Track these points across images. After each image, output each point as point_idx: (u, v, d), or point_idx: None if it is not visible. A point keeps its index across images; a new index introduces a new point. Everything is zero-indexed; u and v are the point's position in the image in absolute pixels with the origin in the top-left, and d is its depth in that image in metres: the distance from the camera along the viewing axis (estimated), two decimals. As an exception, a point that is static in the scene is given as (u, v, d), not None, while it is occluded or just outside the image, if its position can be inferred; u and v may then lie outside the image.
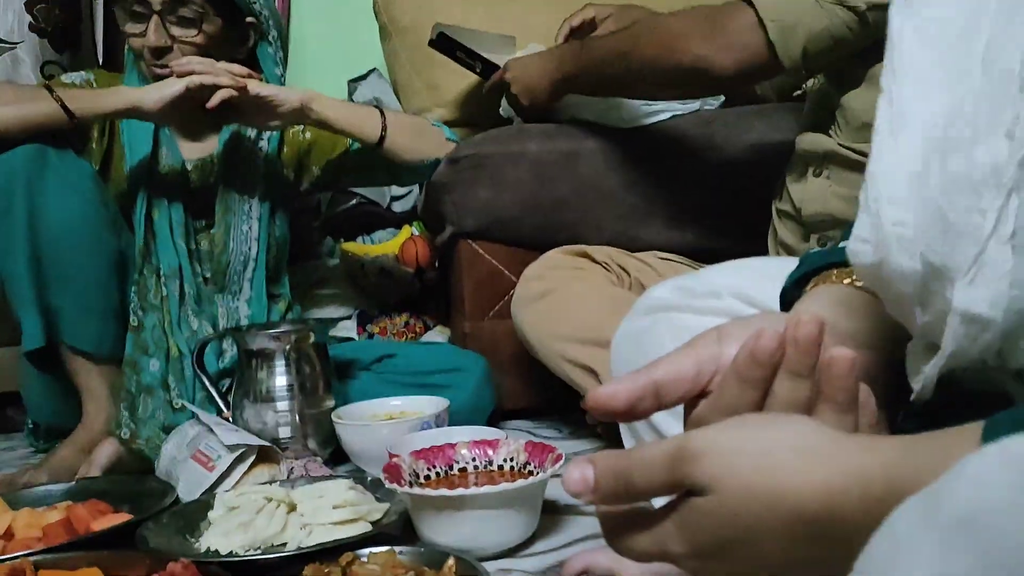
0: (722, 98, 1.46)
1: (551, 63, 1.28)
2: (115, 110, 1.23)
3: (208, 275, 1.39)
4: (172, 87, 1.22)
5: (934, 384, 0.41)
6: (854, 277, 0.51)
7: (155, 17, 1.28)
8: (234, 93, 1.25)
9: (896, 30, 0.42)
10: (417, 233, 1.79)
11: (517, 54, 1.59)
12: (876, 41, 1.02)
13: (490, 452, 0.99)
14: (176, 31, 1.30)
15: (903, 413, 0.46)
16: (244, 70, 1.27)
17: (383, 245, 1.80)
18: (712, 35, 1.04)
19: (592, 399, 0.44)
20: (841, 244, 0.57)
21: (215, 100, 1.24)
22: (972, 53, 0.39)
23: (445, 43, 1.49)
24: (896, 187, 0.40)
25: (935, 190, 0.38)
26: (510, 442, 0.99)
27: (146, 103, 1.22)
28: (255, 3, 1.38)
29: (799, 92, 1.43)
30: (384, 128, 1.36)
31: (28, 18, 1.55)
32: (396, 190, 1.84)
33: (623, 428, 0.76)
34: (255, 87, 1.26)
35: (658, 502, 0.40)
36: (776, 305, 0.58)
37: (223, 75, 1.24)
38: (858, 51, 1.02)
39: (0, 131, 1.18)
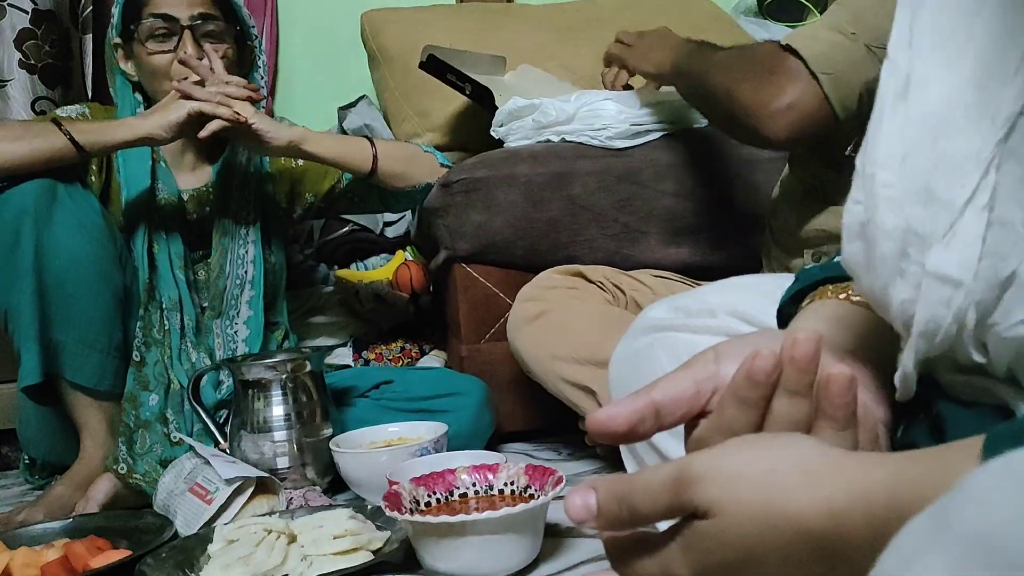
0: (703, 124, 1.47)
1: (676, 48, 1.24)
2: (125, 141, 1.24)
3: (206, 303, 1.38)
4: (176, 112, 1.23)
5: (915, 378, 0.42)
6: (850, 292, 0.51)
7: (187, 32, 1.31)
8: (227, 124, 1.25)
9: (906, 4, 0.42)
10: (411, 258, 1.79)
11: (507, 74, 1.61)
12: None
13: (490, 477, 0.99)
14: (206, 45, 1.32)
15: (903, 428, 0.46)
16: (245, 83, 1.28)
17: (377, 271, 1.80)
18: (768, 96, 0.98)
19: (592, 422, 0.43)
20: (836, 259, 0.58)
21: (206, 131, 1.25)
22: (972, 39, 0.39)
23: (435, 65, 1.50)
24: (890, 155, 0.41)
25: (924, 164, 0.40)
26: (510, 466, 0.99)
27: (157, 133, 1.23)
28: (252, 28, 1.41)
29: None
30: (375, 159, 1.37)
31: (18, 55, 1.55)
32: (389, 216, 1.84)
33: (623, 449, 0.76)
34: (253, 117, 1.27)
35: (662, 525, 0.40)
36: (772, 322, 0.58)
37: (222, 107, 1.25)
38: None
39: (9, 167, 1.18)
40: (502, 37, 1.81)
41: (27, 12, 1.55)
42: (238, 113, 1.25)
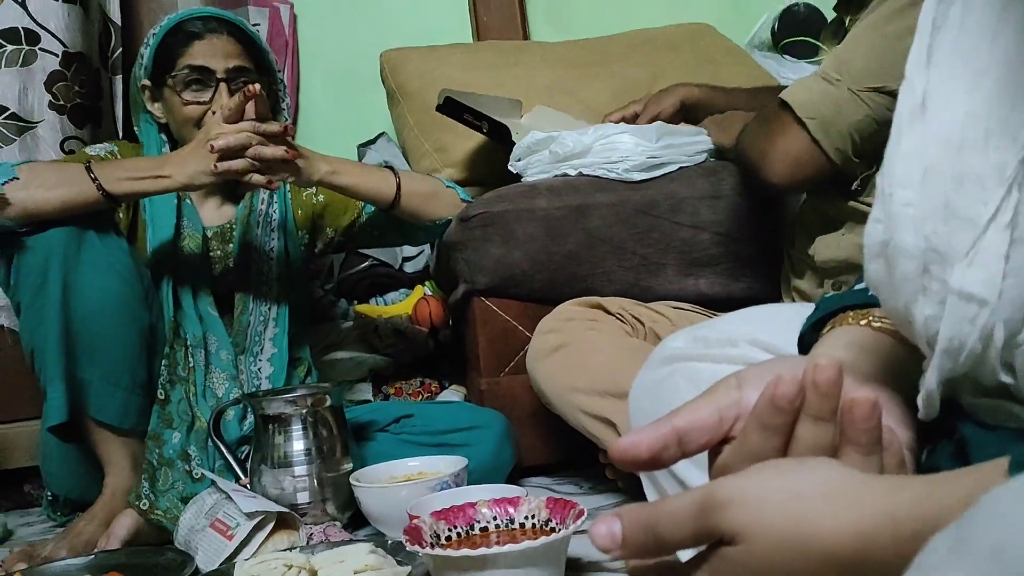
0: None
1: (736, 123, 1.30)
2: (159, 190, 1.25)
3: (230, 339, 1.39)
4: (207, 162, 1.22)
5: (939, 396, 0.41)
6: (871, 318, 0.51)
7: (223, 84, 1.33)
8: (262, 182, 1.26)
9: (927, 23, 0.43)
10: (430, 293, 1.79)
11: (524, 116, 1.62)
12: None
13: (511, 510, 0.98)
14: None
15: (928, 452, 0.46)
16: (278, 125, 1.27)
17: (396, 306, 1.81)
18: (766, 148, 1.06)
19: (615, 450, 0.43)
20: (857, 287, 0.57)
21: (230, 175, 1.24)
22: (993, 58, 0.40)
23: (452, 107, 1.52)
24: (910, 174, 0.41)
25: (945, 182, 0.40)
26: (531, 499, 0.98)
27: (190, 182, 1.24)
28: (280, 73, 1.45)
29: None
30: (398, 188, 1.38)
31: (48, 96, 1.59)
32: (408, 251, 1.85)
33: (645, 480, 0.76)
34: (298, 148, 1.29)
35: (684, 555, 0.39)
36: (793, 350, 0.58)
37: (258, 161, 1.25)
38: None
39: (42, 215, 1.20)
40: (518, 74, 1.83)
41: (57, 55, 1.59)
42: (276, 151, 1.25)
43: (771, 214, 1.38)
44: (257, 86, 1.25)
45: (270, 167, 1.26)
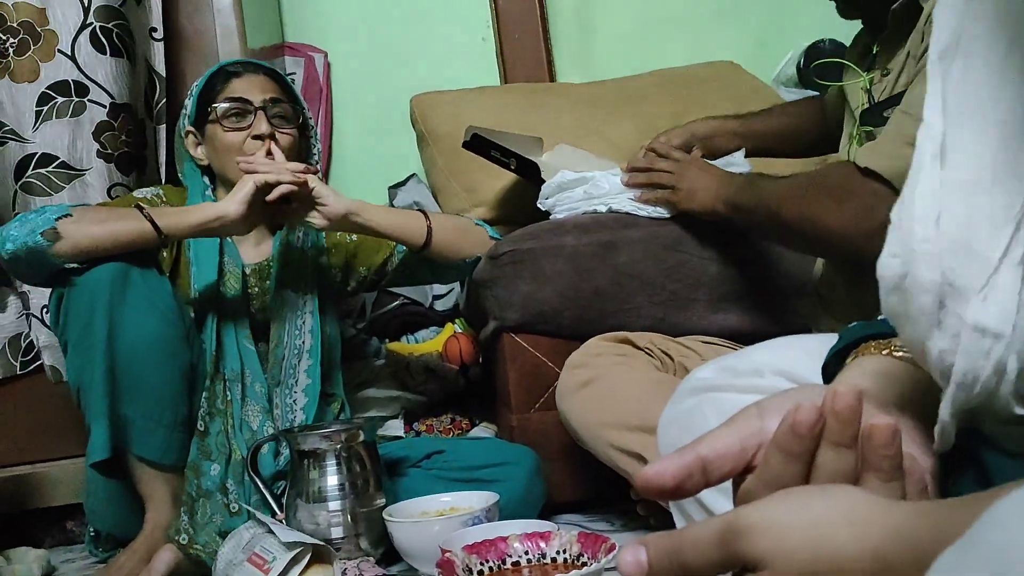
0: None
1: (722, 183, 1.27)
2: (201, 223, 1.30)
3: (264, 374, 1.43)
4: (244, 188, 1.30)
5: (953, 428, 0.42)
6: (892, 348, 0.52)
7: (260, 112, 1.40)
8: (294, 188, 1.32)
9: (935, 76, 0.44)
10: (460, 330, 1.81)
11: (545, 154, 1.65)
12: None
13: (543, 544, 0.99)
14: (275, 123, 1.41)
15: (952, 479, 0.47)
16: (302, 166, 1.36)
17: (427, 344, 1.84)
18: (864, 225, 1.00)
19: (640, 479, 0.44)
20: (879, 317, 0.59)
21: (275, 194, 1.31)
22: (997, 106, 0.42)
23: (479, 143, 1.54)
24: (927, 212, 0.42)
25: (959, 221, 0.41)
26: (562, 534, 0.99)
27: (230, 209, 1.29)
28: (311, 119, 1.51)
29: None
30: (429, 231, 1.41)
31: (96, 146, 1.65)
32: (438, 289, 1.88)
33: (674, 510, 0.76)
34: (314, 181, 1.34)
35: None
36: (818, 380, 0.59)
37: (285, 173, 1.32)
38: None
39: (93, 249, 1.25)
40: (545, 115, 1.86)
41: (105, 106, 1.65)
42: (298, 176, 1.32)
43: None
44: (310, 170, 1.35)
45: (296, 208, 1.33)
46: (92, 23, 1.64)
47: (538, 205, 1.50)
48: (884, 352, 0.53)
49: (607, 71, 2.15)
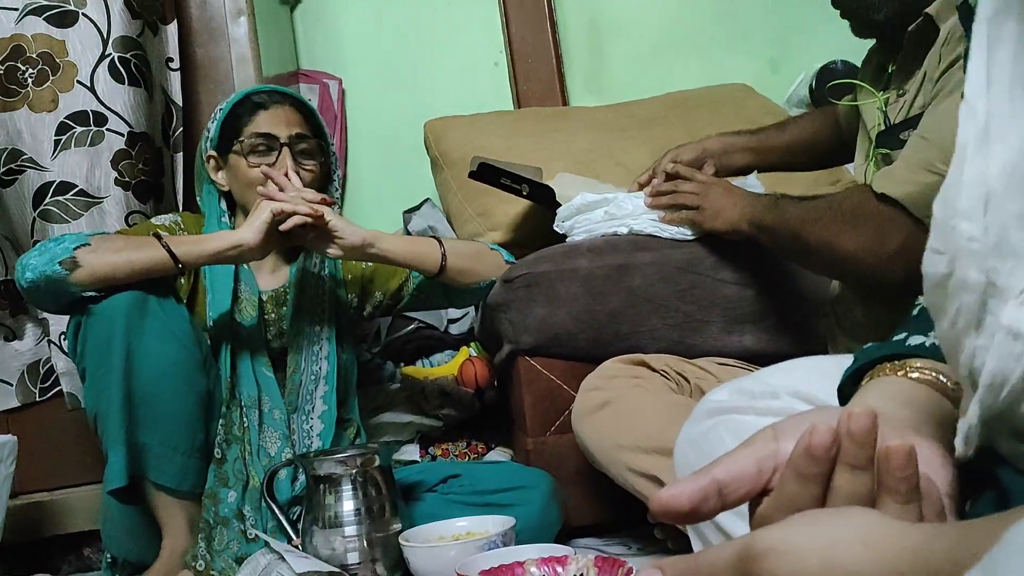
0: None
1: (747, 203, 1.28)
2: (218, 251, 1.31)
3: (281, 400, 1.43)
4: (261, 215, 1.31)
5: (978, 433, 0.41)
6: (908, 369, 0.52)
7: (285, 148, 1.41)
8: (308, 220, 1.32)
9: (981, 44, 0.41)
10: (475, 354, 1.81)
11: (549, 183, 1.64)
12: None
13: (559, 569, 0.98)
14: (299, 159, 1.43)
15: (971, 501, 0.46)
16: (319, 196, 1.36)
17: (442, 368, 1.84)
18: (880, 250, 1.03)
19: (656, 502, 0.44)
20: (895, 337, 0.58)
21: (288, 224, 1.32)
22: None
23: (487, 172, 1.54)
24: (973, 205, 0.40)
25: (1006, 215, 0.39)
26: (579, 558, 0.98)
27: (247, 238, 1.30)
28: (332, 146, 1.52)
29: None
30: (444, 257, 1.42)
31: (114, 174, 1.68)
32: (452, 313, 1.88)
33: (691, 533, 0.76)
34: (329, 215, 1.34)
35: None
36: (835, 402, 0.58)
37: (300, 204, 1.32)
38: None
39: (112, 277, 1.26)
40: (558, 139, 1.87)
41: (123, 135, 1.68)
42: (315, 208, 1.32)
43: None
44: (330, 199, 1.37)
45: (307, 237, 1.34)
46: (111, 54, 1.67)
47: (555, 228, 1.50)
48: (900, 373, 0.53)
49: (620, 95, 2.16)
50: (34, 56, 1.65)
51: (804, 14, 2.26)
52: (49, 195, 1.65)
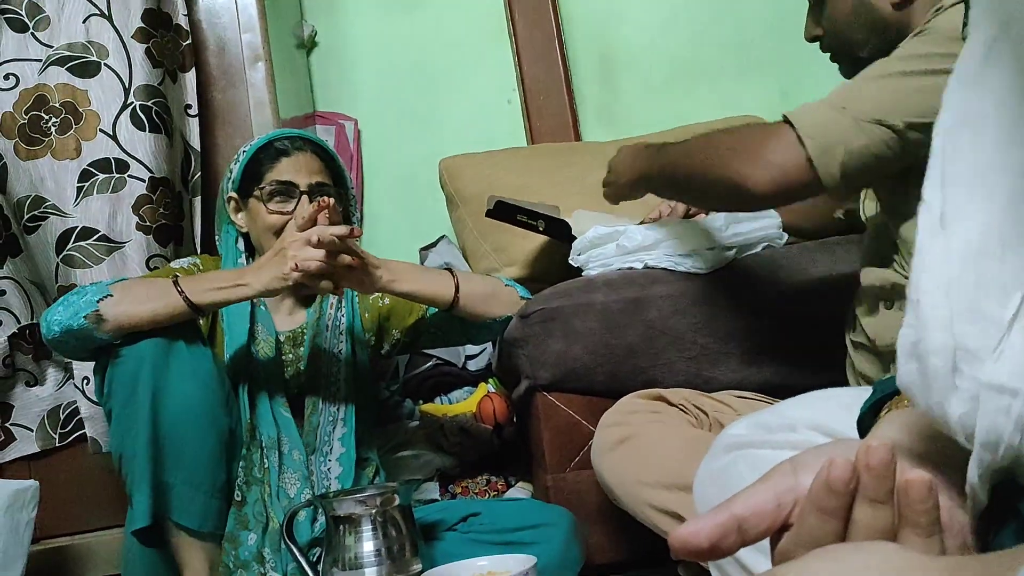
0: (785, 237, 1.49)
1: (637, 159, 1.33)
2: (239, 298, 1.32)
3: (300, 441, 1.43)
4: (281, 268, 1.29)
5: (983, 488, 0.41)
6: None
7: (304, 196, 1.42)
8: (324, 268, 1.30)
9: (937, 149, 0.44)
10: (493, 390, 1.81)
11: (564, 219, 1.65)
12: (923, 167, 1.04)
13: (581, 608, 0.97)
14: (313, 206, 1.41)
15: (993, 533, 0.46)
16: (345, 229, 1.32)
17: (461, 404, 1.84)
18: (753, 153, 1.07)
19: (675, 539, 0.44)
20: None
21: (299, 275, 1.30)
22: (1005, 172, 0.41)
23: (504, 210, 1.55)
24: (935, 284, 0.42)
25: (968, 287, 0.41)
26: (601, 596, 0.97)
27: (253, 284, 1.30)
28: (351, 188, 1.54)
29: (839, 217, 1.46)
30: (457, 289, 1.42)
31: (136, 219, 1.70)
32: (470, 349, 1.88)
33: (714, 570, 0.75)
34: (366, 257, 1.35)
35: None
36: (854, 434, 0.58)
37: (319, 251, 1.30)
38: (898, 171, 1.04)
39: (134, 326, 1.27)
40: (572, 174, 1.88)
41: (144, 180, 1.71)
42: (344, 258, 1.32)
43: (830, 300, 1.37)
44: (331, 200, 1.33)
45: (337, 274, 1.33)
46: (133, 102, 1.71)
47: (570, 262, 1.51)
48: None
49: (632, 128, 2.18)
50: (57, 106, 1.69)
51: (812, 44, 2.28)
52: (72, 241, 1.68)
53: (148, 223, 1.71)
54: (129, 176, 1.70)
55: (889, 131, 1.00)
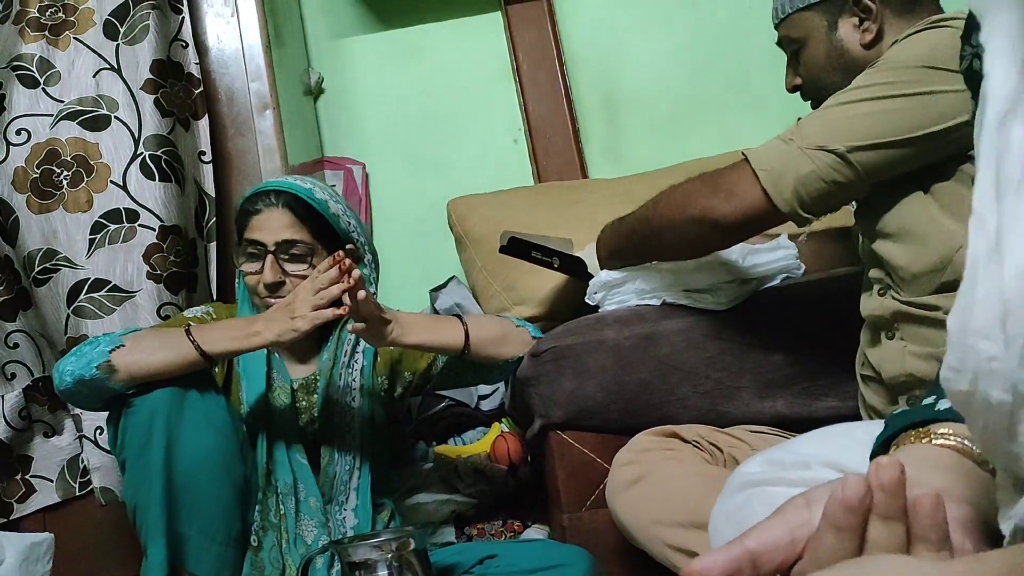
0: (803, 268, 1.49)
1: (604, 236, 1.45)
2: (250, 348, 1.32)
3: (316, 488, 1.43)
4: (292, 325, 1.30)
5: None
6: (932, 436, 0.52)
7: (269, 256, 1.40)
8: (338, 316, 1.31)
9: (990, 152, 0.40)
10: (507, 430, 1.80)
11: (579, 254, 1.66)
12: (889, 192, 1.07)
13: (601, 652, 0.96)
14: (289, 267, 1.41)
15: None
16: (343, 286, 1.32)
17: (475, 445, 1.83)
18: (715, 190, 1.16)
19: (688, 574, 0.44)
20: (923, 403, 0.58)
21: (307, 326, 1.30)
22: None
23: (517, 246, 1.54)
24: (990, 322, 0.39)
25: None
26: (620, 639, 0.96)
27: (282, 339, 1.31)
28: (353, 232, 1.50)
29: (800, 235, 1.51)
30: (467, 336, 1.42)
31: (146, 267, 1.72)
32: (483, 389, 1.88)
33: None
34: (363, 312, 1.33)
35: None
36: (866, 470, 0.58)
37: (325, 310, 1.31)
38: (860, 194, 1.10)
39: (146, 377, 1.27)
40: (579, 212, 1.89)
41: (154, 229, 1.73)
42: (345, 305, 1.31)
43: (841, 333, 1.37)
44: (342, 254, 1.33)
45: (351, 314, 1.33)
46: (142, 153, 1.74)
47: (586, 300, 1.50)
48: (924, 440, 0.53)
49: (637, 165, 2.19)
50: (68, 159, 1.72)
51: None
52: (83, 292, 1.69)
53: (159, 271, 1.72)
54: (139, 225, 1.71)
55: (832, 155, 1.07)
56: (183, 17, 1.87)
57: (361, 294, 1.30)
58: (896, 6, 1.21)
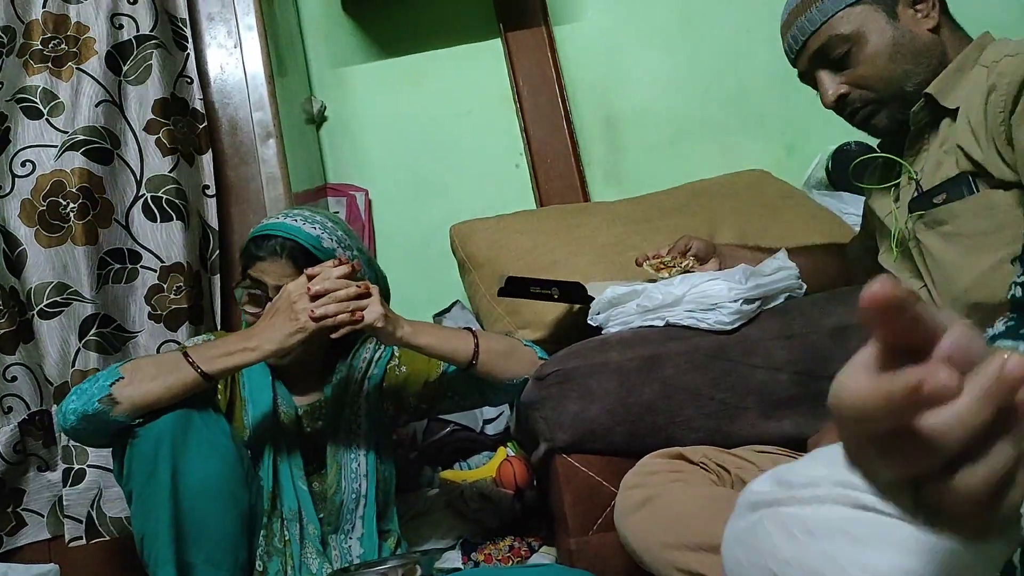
0: (804, 287, 1.49)
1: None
2: (250, 362, 1.31)
3: (322, 515, 1.42)
4: (294, 327, 1.29)
5: None
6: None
7: (269, 303, 1.39)
8: (348, 324, 1.31)
9: None
10: (512, 454, 1.80)
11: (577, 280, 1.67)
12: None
13: (611, 677, 0.95)
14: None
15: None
16: (355, 291, 1.32)
17: (480, 469, 1.82)
18: None
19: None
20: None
21: (338, 335, 1.31)
22: None
23: (515, 285, 1.55)
24: None
25: None
26: (631, 664, 0.95)
27: (265, 347, 1.30)
28: (355, 259, 1.47)
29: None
30: (476, 347, 1.42)
31: (148, 308, 1.72)
32: (488, 413, 1.88)
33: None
34: (370, 316, 1.32)
35: None
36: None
37: (334, 303, 1.30)
38: None
39: (148, 405, 1.27)
40: (581, 235, 1.90)
41: (155, 271, 1.74)
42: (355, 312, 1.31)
43: (844, 351, 1.37)
44: (357, 262, 1.34)
45: (355, 318, 1.32)
46: (144, 194, 1.75)
47: (589, 321, 1.51)
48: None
49: (639, 187, 2.20)
50: (74, 191, 1.72)
51: (815, 97, 2.30)
52: (94, 327, 1.69)
53: (159, 311, 1.73)
54: (141, 267, 1.72)
55: None
56: (187, 54, 1.88)
57: (372, 290, 1.32)
58: None
